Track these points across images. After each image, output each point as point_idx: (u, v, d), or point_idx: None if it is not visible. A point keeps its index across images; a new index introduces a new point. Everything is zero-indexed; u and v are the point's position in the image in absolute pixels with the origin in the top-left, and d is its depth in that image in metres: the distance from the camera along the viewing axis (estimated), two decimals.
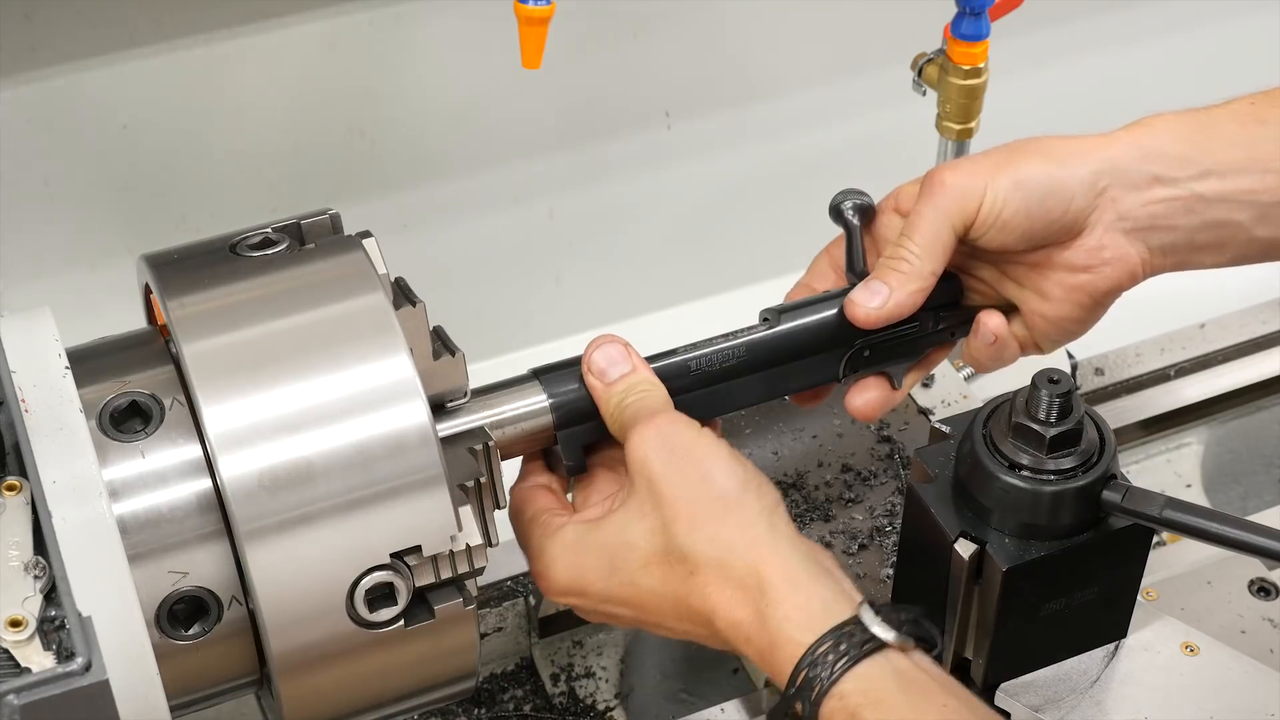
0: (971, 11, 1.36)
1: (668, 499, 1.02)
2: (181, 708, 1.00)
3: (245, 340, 0.99)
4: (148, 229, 1.48)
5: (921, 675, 0.97)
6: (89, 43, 1.38)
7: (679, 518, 1.01)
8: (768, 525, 1.01)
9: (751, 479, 1.03)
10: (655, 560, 1.03)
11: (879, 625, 0.97)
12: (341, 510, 0.97)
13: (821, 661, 0.96)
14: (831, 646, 0.96)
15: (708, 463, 1.02)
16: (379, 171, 1.54)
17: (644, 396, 1.08)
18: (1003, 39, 1.40)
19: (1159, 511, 1.05)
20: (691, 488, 1.02)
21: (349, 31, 1.46)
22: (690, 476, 1.02)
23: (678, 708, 1.37)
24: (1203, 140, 1.12)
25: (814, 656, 0.97)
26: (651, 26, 1.57)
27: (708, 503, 1.01)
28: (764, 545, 1.00)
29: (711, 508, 1.01)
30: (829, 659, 0.96)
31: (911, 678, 0.97)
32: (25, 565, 0.90)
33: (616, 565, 1.04)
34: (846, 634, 0.97)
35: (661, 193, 1.68)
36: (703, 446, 1.03)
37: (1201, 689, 1.13)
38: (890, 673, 0.96)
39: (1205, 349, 1.53)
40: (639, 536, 1.03)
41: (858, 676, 0.96)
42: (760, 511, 1.01)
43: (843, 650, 0.96)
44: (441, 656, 1.03)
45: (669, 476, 1.02)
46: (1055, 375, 1.08)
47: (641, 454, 1.03)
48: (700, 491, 1.01)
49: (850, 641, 0.97)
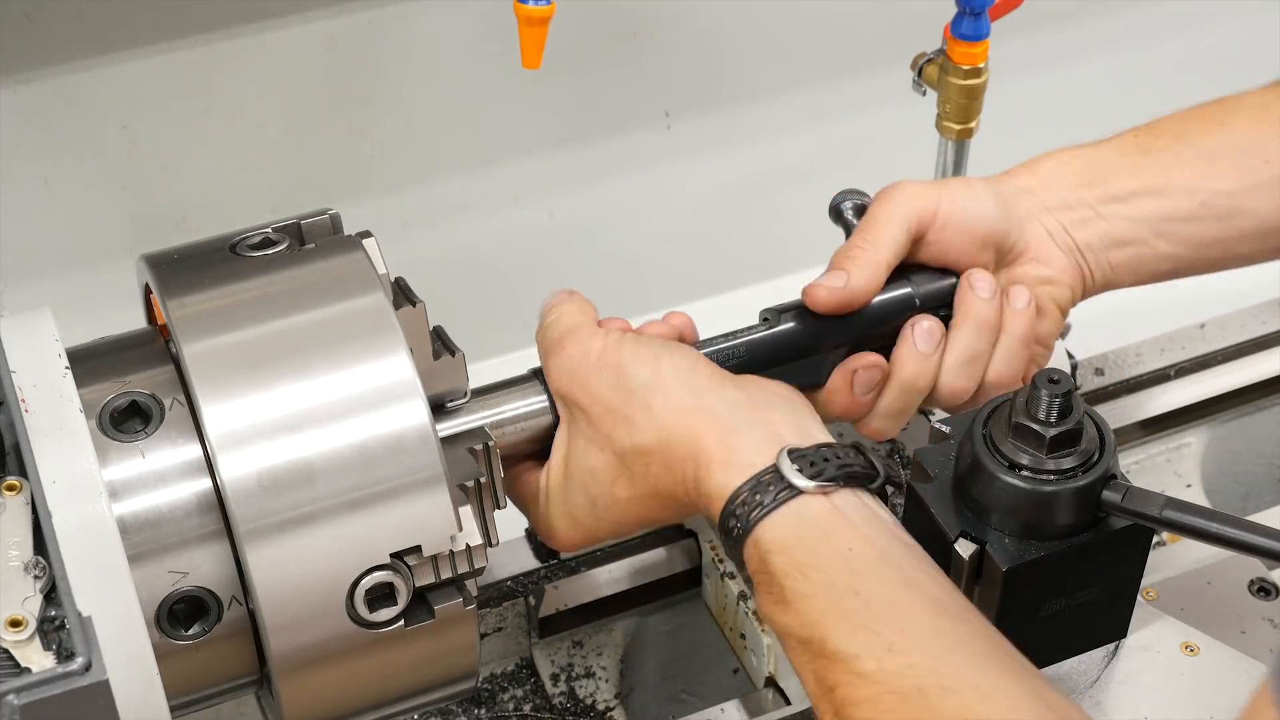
0: (971, 11, 1.36)
1: (597, 415, 1.06)
2: (181, 708, 1.00)
3: (245, 340, 0.99)
4: (148, 229, 1.48)
5: (834, 519, 0.99)
6: (89, 43, 1.38)
7: (616, 424, 1.05)
8: (689, 393, 1.05)
9: (661, 356, 1.06)
10: (618, 471, 1.07)
11: (795, 473, 0.99)
12: (341, 510, 0.97)
13: (739, 512, 1.00)
14: (747, 497, 1.00)
15: (617, 363, 1.06)
16: (379, 171, 1.55)
17: (556, 319, 1.10)
18: (1003, 39, 1.40)
19: (1159, 511, 1.05)
20: (612, 392, 1.06)
21: (349, 31, 1.46)
22: (605, 384, 1.06)
23: (678, 708, 1.37)
24: (1093, 171, 1.20)
25: (732, 507, 1.00)
26: (651, 26, 1.57)
27: (630, 398, 1.05)
28: (690, 414, 1.04)
29: (635, 401, 1.05)
30: (743, 509, 1.00)
31: (822, 524, 0.99)
32: (25, 565, 0.90)
33: (593, 496, 1.09)
34: (764, 483, 1.00)
35: (661, 193, 1.68)
36: (608, 350, 1.06)
37: (1201, 689, 1.13)
38: (801, 519, 0.99)
39: (1205, 349, 1.53)
40: (595, 460, 1.07)
41: (770, 525, 0.99)
42: (679, 383, 1.05)
43: (757, 500, 0.99)
44: (441, 656, 1.03)
45: (589, 393, 1.06)
46: (1055, 375, 1.08)
47: (559, 384, 1.08)
48: (620, 391, 1.05)
49: (765, 491, 1.00)
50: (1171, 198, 1.19)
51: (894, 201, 1.16)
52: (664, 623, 1.38)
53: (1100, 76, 1.79)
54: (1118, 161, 1.20)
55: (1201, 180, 1.19)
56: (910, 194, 1.17)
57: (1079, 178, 1.20)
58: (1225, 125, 1.21)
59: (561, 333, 1.09)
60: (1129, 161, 1.20)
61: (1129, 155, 1.21)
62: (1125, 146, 1.21)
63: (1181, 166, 1.20)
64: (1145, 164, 1.20)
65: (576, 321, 1.10)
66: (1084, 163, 1.20)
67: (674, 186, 1.69)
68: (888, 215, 1.16)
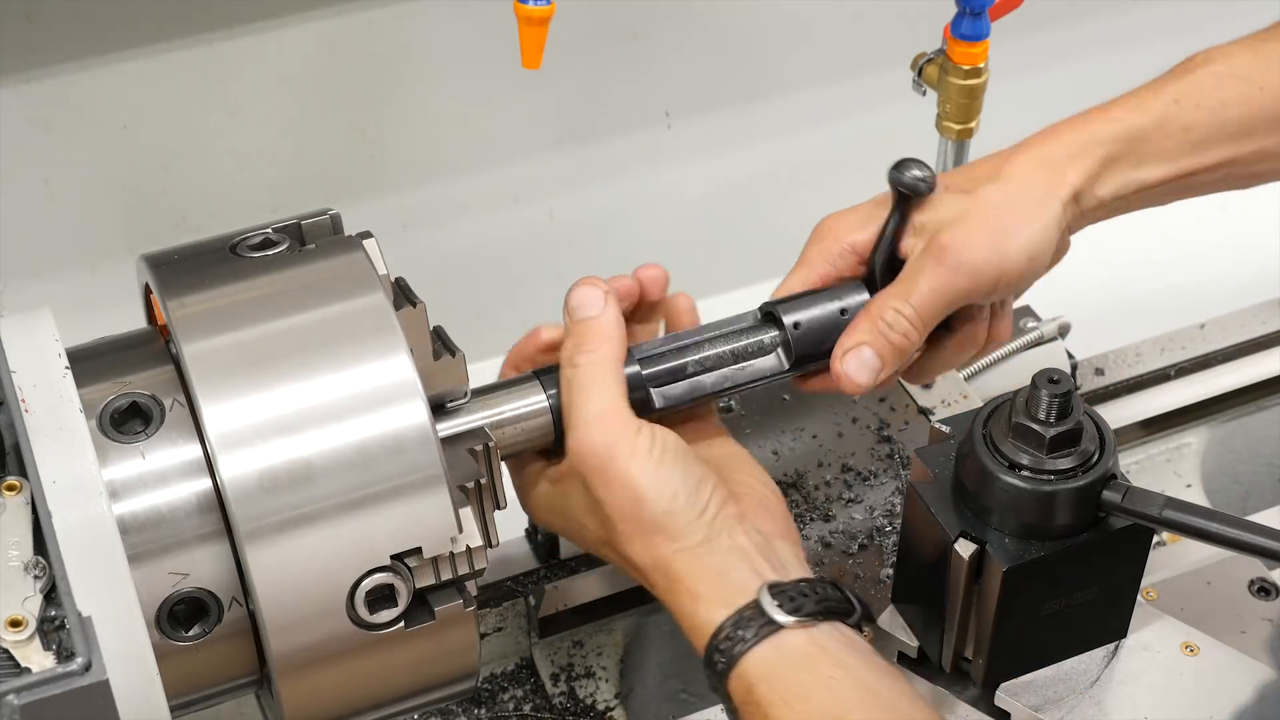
0: (971, 11, 1.36)
1: (605, 515, 1.09)
2: (181, 708, 1.00)
3: (245, 340, 0.99)
4: (148, 229, 1.48)
5: (814, 650, 1.03)
6: (89, 43, 1.38)
7: (615, 530, 1.08)
8: (693, 538, 1.07)
9: (680, 494, 1.07)
10: (606, 545, 1.11)
11: (775, 609, 1.03)
12: (342, 511, 0.97)
13: (723, 646, 1.04)
14: (730, 632, 1.04)
15: (639, 485, 1.07)
16: (379, 171, 1.55)
17: (590, 367, 1.10)
18: (1003, 39, 1.40)
19: (1159, 511, 1.05)
20: (625, 509, 1.07)
21: (349, 31, 1.46)
22: (623, 500, 1.07)
23: (678, 708, 1.37)
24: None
25: (716, 641, 1.04)
26: (651, 26, 1.57)
27: (638, 524, 1.07)
28: (685, 555, 1.07)
29: (641, 528, 1.07)
30: (727, 644, 1.03)
31: (803, 654, 1.03)
32: (25, 565, 0.90)
33: (578, 534, 1.14)
34: (746, 619, 1.04)
35: (661, 193, 1.68)
36: (636, 466, 1.07)
37: (1201, 689, 1.13)
38: (782, 652, 1.03)
39: (1205, 349, 1.53)
40: (589, 524, 1.11)
41: (753, 659, 1.03)
42: (687, 526, 1.07)
43: (739, 635, 1.03)
44: (441, 657, 1.03)
45: (606, 498, 1.08)
46: (1055, 375, 1.08)
47: (581, 464, 1.08)
48: (632, 515, 1.07)
49: (748, 626, 1.03)
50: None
51: (952, 280, 1.14)
52: (664, 623, 1.38)
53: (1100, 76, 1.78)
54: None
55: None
56: (972, 272, 1.14)
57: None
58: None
59: (596, 412, 1.08)
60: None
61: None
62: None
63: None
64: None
65: (608, 402, 1.09)
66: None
67: (674, 186, 1.69)
68: (942, 289, 1.14)
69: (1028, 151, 1.18)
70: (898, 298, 1.13)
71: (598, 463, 1.07)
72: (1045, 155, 1.17)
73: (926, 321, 1.14)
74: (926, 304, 1.13)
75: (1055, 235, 1.16)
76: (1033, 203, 1.15)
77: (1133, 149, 1.18)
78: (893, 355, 1.13)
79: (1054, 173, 1.16)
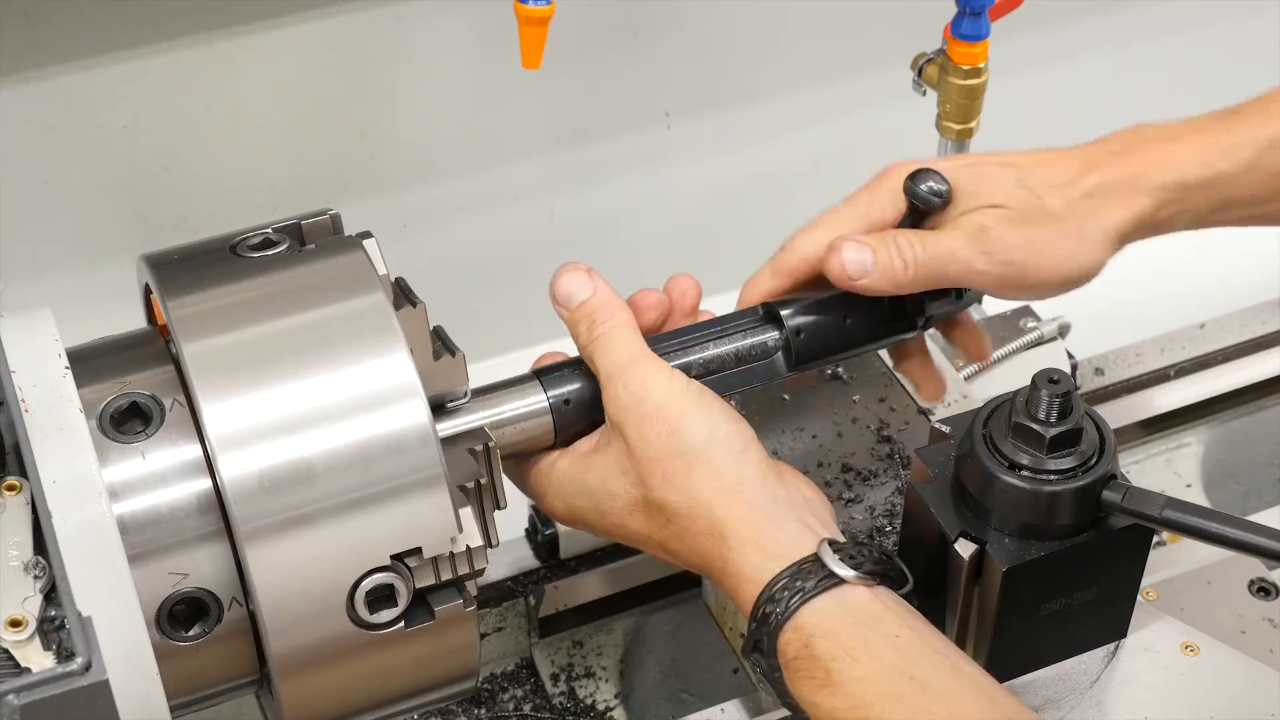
0: (971, 11, 1.36)
1: (641, 457, 1.06)
2: (181, 708, 1.00)
3: (245, 340, 0.99)
4: (148, 229, 1.48)
5: (879, 607, 1.01)
6: (89, 43, 1.38)
7: (653, 473, 1.06)
8: (735, 474, 1.05)
9: (720, 426, 1.06)
10: (637, 507, 1.08)
11: (837, 563, 1.01)
12: (342, 511, 0.97)
13: (778, 597, 1.01)
14: (788, 583, 1.01)
15: (677, 417, 1.06)
16: (379, 171, 1.54)
17: (610, 333, 1.10)
18: (1003, 39, 1.40)
19: (1159, 511, 1.05)
20: (661, 443, 1.06)
21: (349, 31, 1.46)
22: (660, 433, 1.06)
23: (678, 708, 1.37)
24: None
25: (771, 592, 1.01)
26: (651, 26, 1.57)
27: (675, 457, 1.05)
28: (729, 494, 1.05)
29: (679, 462, 1.05)
30: (784, 594, 1.01)
31: (867, 610, 1.01)
32: (25, 565, 0.90)
33: (603, 509, 1.10)
34: (805, 571, 1.01)
35: (661, 193, 1.68)
36: (673, 400, 1.06)
37: (1201, 689, 1.13)
38: (845, 606, 1.01)
39: (1205, 349, 1.53)
40: (620, 487, 1.08)
41: (812, 610, 1.00)
42: (727, 459, 1.06)
43: (798, 586, 1.01)
44: (441, 657, 1.03)
45: (642, 434, 1.06)
46: (1055, 375, 1.08)
47: (615, 411, 1.07)
48: (669, 446, 1.06)
49: (806, 578, 1.01)
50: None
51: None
52: (664, 623, 1.38)
53: (1100, 76, 1.79)
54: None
55: None
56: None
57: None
58: None
59: (625, 360, 1.08)
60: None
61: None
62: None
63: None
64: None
65: (636, 350, 1.09)
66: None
67: (674, 186, 1.69)
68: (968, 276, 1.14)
69: (1112, 169, 1.14)
70: (917, 236, 1.13)
71: (633, 402, 1.06)
72: (1126, 182, 1.14)
73: (925, 274, 1.12)
74: (937, 260, 1.12)
75: (1100, 263, 1.14)
76: (1095, 232, 1.13)
77: (1219, 193, 1.15)
78: (882, 272, 1.12)
79: (1127, 206, 1.14)
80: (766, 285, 1.18)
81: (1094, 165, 1.15)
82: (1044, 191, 1.13)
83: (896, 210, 1.15)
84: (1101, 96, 1.79)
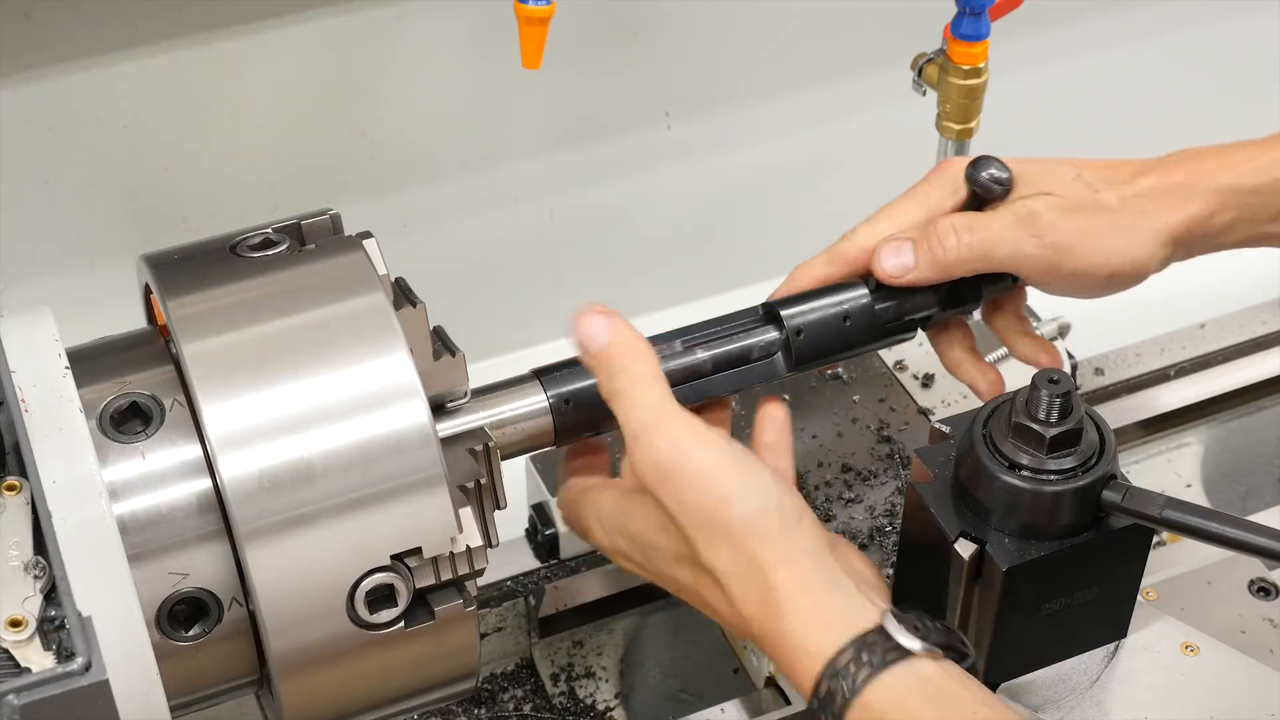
0: (971, 11, 1.36)
1: (685, 523, 1.00)
2: (181, 708, 1.00)
3: (245, 340, 0.99)
4: (148, 229, 1.48)
5: (951, 684, 0.95)
6: (89, 43, 1.38)
7: (698, 538, 0.99)
8: (791, 545, 0.98)
9: (772, 495, 0.99)
10: (684, 561, 1.02)
11: (903, 634, 0.95)
12: (342, 511, 0.97)
13: (844, 672, 0.94)
14: (853, 656, 0.94)
15: (725, 486, 0.99)
16: (379, 171, 1.54)
17: (632, 386, 1.02)
18: (1003, 39, 1.40)
19: (1159, 511, 1.05)
20: (709, 512, 0.99)
21: (349, 31, 1.46)
22: (706, 502, 0.99)
23: (678, 708, 1.37)
24: None
25: (835, 667, 0.95)
26: (651, 26, 1.57)
27: (727, 526, 0.98)
28: (783, 565, 0.98)
29: (730, 530, 0.98)
30: (850, 669, 0.94)
31: (940, 686, 0.94)
32: (25, 565, 0.90)
33: (649, 556, 1.04)
34: (870, 643, 0.95)
35: (661, 193, 1.68)
36: (719, 467, 0.99)
37: (1201, 689, 1.13)
38: (918, 681, 0.94)
39: (1205, 349, 1.53)
40: (665, 541, 1.02)
41: (883, 685, 0.94)
42: (784, 529, 0.99)
43: (865, 660, 0.94)
44: (441, 657, 1.03)
45: (682, 501, 0.99)
46: (1055, 375, 1.08)
47: (645, 472, 1.01)
48: (719, 515, 0.99)
49: (873, 651, 0.94)
50: None
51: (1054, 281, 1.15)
52: (664, 623, 1.38)
53: (1100, 76, 1.79)
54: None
55: None
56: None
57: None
58: None
59: (651, 418, 1.01)
60: None
61: None
62: None
63: None
64: None
65: (662, 406, 1.01)
66: None
67: (674, 186, 1.68)
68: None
69: (1167, 174, 1.15)
70: (963, 221, 1.13)
71: (669, 467, 0.99)
72: (1181, 186, 1.14)
73: (972, 257, 1.12)
74: (984, 242, 1.12)
75: (1150, 262, 1.13)
76: (1147, 230, 1.13)
77: (1275, 200, 1.15)
78: (925, 262, 1.12)
79: (1180, 209, 1.13)
80: (820, 272, 1.16)
81: (1150, 169, 1.15)
82: (1100, 186, 1.14)
83: (955, 200, 1.16)
84: (1101, 96, 1.79)
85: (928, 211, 1.16)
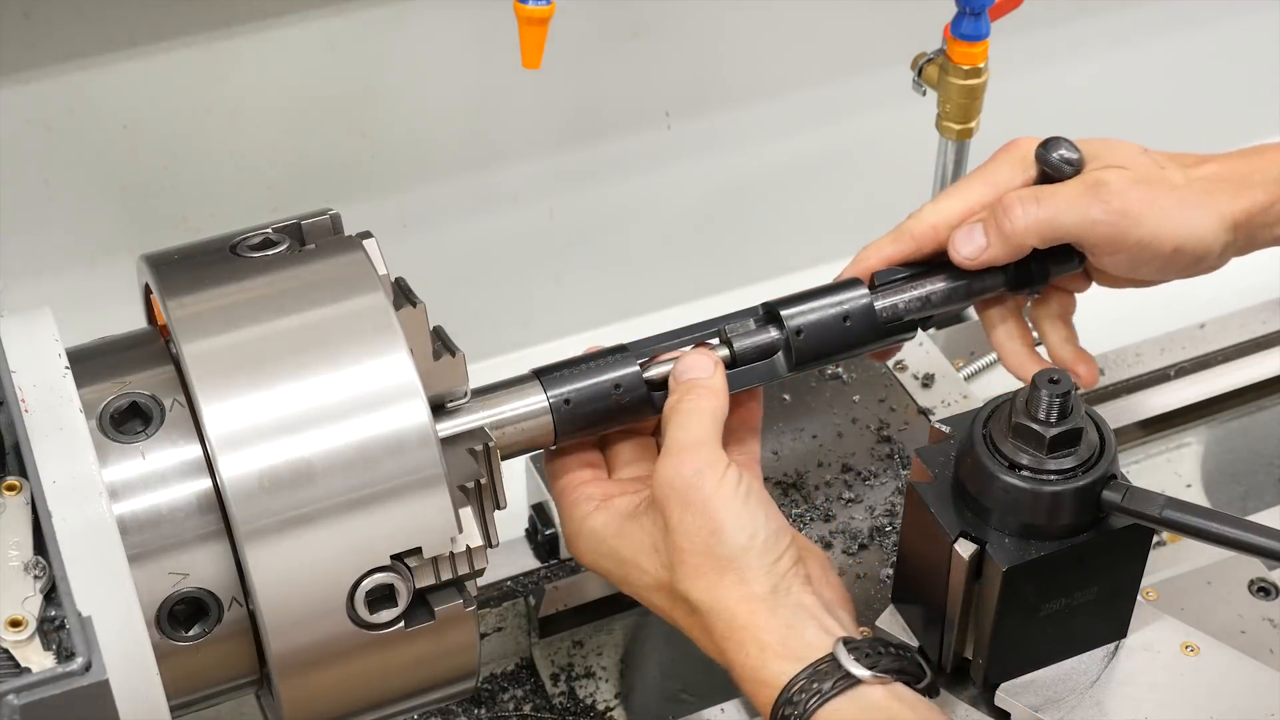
0: (971, 11, 1.36)
1: (675, 545, 1.07)
2: (181, 708, 1.00)
3: (245, 340, 0.99)
4: (148, 229, 1.48)
5: (895, 706, 1.02)
6: (89, 43, 1.38)
7: (684, 563, 1.07)
8: (762, 584, 1.06)
9: (759, 533, 1.07)
10: (661, 588, 1.09)
11: (852, 663, 1.03)
12: (342, 511, 0.97)
13: (796, 699, 1.02)
14: (805, 684, 1.02)
15: (721, 516, 1.06)
16: (379, 171, 1.54)
17: (692, 409, 1.09)
18: (1003, 39, 1.40)
19: (1159, 511, 1.05)
20: (700, 540, 1.07)
21: (349, 31, 1.46)
22: (701, 529, 1.07)
23: (678, 708, 1.37)
24: None
25: (789, 695, 1.02)
26: (651, 26, 1.57)
27: (710, 558, 1.06)
28: (753, 602, 1.06)
29: (712, 563, 1.06)
30: (802, 698, 1.02)
31: (885, 709, 1.02)
32: (25, 565, 0.90)
33: (627, 577, 1.11)
34: (821, 672, 1.02)
35: (661, 193, 1.68)
36: (721, 497, 1.07)
37: (1201, 689, 1.13)
38: (863, 706, 1.02)
39: (1205, 349, 1.53)
40: (649, 564, 1.09)
41: (830, 712, 1.01)
42: (759, 568, 1.06)
43: (815, 688, 1.02)
44: (441, 657, 1.03)
45: (683, 523, 1.07)
46: (1055, 375, 1.08)
47: (662, 486, 1.08)
48: (706, 545, 1.06)
49: (824, 679, 1.02)
50: None
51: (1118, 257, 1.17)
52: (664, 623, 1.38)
53: (1100, 76, 1.78)
54: None
55: None
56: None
57: None
58: None
59: (691, 441, 1.08)
60: None
61: None
62: None
63: None
64: None
65: (706, 436, 1.09)
66: None
67: (674, 186, 1.68)
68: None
69: (1227, 165, 1.17)
70: (1030, 193, 1.15)
71: (683, 487, 1.07)
72: (1242, 175, 1.17)
73: (1041, 228, 1.14)
74: (1051, 212, 1.14)
75: (1214, 244, 1.15)
76: (1210, 213, 1.15)
77: None
78: (997, 240, 1.15)
79: (1241, 196, 1.16)
80: (887, 250, 1.19)
81: (1212, 158, 1.18)
82: (1166, 164, 1.16)
83: (1024, 179, 1.18)
84: (1101, 96, 1.79)
85: (995, 190, 1.18)
